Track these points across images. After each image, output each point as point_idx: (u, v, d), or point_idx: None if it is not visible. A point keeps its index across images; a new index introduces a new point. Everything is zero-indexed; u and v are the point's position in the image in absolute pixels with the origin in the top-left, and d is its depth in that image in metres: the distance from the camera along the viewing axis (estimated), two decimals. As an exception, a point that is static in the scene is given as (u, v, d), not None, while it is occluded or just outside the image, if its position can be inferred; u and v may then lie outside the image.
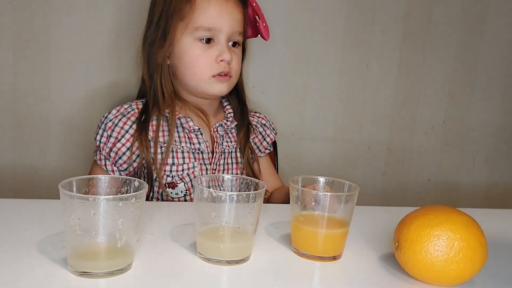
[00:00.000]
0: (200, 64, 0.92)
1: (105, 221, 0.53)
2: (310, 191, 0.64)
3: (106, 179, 0.60)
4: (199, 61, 0.92)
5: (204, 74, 0.92)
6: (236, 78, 0.98)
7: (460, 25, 1.45)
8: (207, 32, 0.91)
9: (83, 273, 0.54)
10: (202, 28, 0.91)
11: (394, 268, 0.62)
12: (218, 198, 0.59)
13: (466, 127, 1.53)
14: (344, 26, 1.38)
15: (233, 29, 0.93)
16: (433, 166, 1.53)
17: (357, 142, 1.46)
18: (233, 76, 0.96)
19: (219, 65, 0.92)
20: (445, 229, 0.56)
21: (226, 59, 0.92)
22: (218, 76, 0.93)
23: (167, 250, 0.64)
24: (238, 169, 1.01)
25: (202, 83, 0.93)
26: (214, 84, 0.93)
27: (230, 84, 0.96)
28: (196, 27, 0.91)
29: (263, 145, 1.09)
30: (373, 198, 1.49)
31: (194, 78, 0.93)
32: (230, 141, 1.01)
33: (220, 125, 0.99)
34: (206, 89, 0.94)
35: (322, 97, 1.41)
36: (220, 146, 0.99)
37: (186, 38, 0.92)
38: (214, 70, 0.92)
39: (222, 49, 0.92)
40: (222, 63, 0.92)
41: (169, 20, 0.92)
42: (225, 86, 0.95)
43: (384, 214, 0.85)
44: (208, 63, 0.92)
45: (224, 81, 0.94)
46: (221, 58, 0.92)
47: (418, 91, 1.47)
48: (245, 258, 0.62)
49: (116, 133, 0.93)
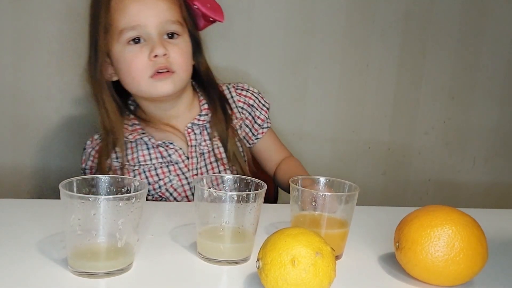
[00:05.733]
0: (134, 66, 0.84)
1: (105, 221, 0.53)
2: (310, 191, 0.64)
3: (107, 179, 0.60)
4: (132, 63, 0.84)
5: (142, 76, 0.85)
6: (183, 71, 0.88)
7: (460, 25, 1.45)
8: (133, 32, 0.84)
9: (83, 273, 0.54)
10: (126, 30, 0.84)
11: (394, 268, 0.62)
12: (218, 198, 0.59)
13: (466, 127, 1.53)
14: (344, 26, 1.38)
15: (161, 20, 0.85)
16: (433, 166, 1.53)
17: (357, 142, 1.46)
18: (177, 70, 0.86)
19: (153, 62, 0.84)
20: (446, 229, 0.56)
21: (159, 53, 0.83)
22: (156, 75, 0.84)
23: (167, 250, 0.64)
24: (223, 165, 0.94)
25: (143, 87, 0.86)
26: (155, 84, 0.85)
27: (175, 80, 0.86)
28: (120, 31, 0.84)
29: (255, 128, 1.00)
30: (373, 198, 1.49)
31: (133, 83, 0.86)
32: (208, 138, 0.94)
33: (193, 124, 0.93)
34: (149, 92, 0.86)
35: (322, 97, 1.41)
36: (196, 148, 0.93)
37: (116, 46, 0.86)
38: (150, 69, 0.84)
39: (152, 45, 0.84)
40: (157, 59, 0.84)
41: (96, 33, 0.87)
42: (169, 83, 0.85)
43: (384, 214, 0.85)
44: (142, 64, 0.84)
45: (164, 78, 0.85)
46: (154, 53, 0.83)
47: (418, 91, 1.47)
48: (245, 258, 0.62)
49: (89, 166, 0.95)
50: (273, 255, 0.50)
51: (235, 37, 1.33)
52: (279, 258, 0.50)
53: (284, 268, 0.49)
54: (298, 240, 0.51)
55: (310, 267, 0.49)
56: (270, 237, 0.53)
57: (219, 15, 0.92)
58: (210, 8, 0.91)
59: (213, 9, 0.91)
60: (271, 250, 0.51)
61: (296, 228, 0.54)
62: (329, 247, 0.52)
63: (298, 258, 0.49)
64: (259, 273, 0.52)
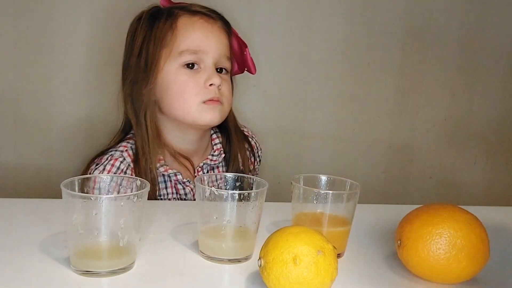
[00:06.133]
0: (188, 90, 0.85)
1: (107, 220, 0.53)
2: (311, 190, 0.64)
3: (108, 179, 0.60)
4: (187, 87, 0.85)
5: (194, 100, 0.85)
6: (228, 106, 0.90)
7: (461, 22, 1.45)
8: (192, 56, 0.85)
9: (85, 272, 0.54)
10: (188, 52, 0.85)
11: (396, 266, 0.62)
12: (219, 197, 0.59)
13: (468, 125, 1.53)
14: (345, 25, 1.38)
15: (220, 52, 0.88)
16: (435, 164, 1.53)
17: (358, 140, 1.46)
18: (225, 103, 0.88)
19: (208, 90, 0.85)
20: (447, 227, 0.56)
21: (215, 82, 0.85)
22: (208, 102, 0.85)
23: (169, 249, 0.64)
24: None
25: (192, 111, 0.85)
26: (205, 111, 0.85)
27: (222, 111, 0.88)
28: (180, 51, 0.85)
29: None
30: (375, 196, 1.49)
31: (183, 106, 0.85)
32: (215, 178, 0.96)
33: (204, 163, 0.92)
34: (196, 118, 0.86)
35: (323, 95, 1.41)
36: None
37: (170, 66, 0.86)
38: (204, 95, 0.85)
39: (210, 73, 0.86)
40: (211, 88, 0.85)
41: (151, 49, 0.85)
42: (217, 113, 0.87)
43: (386, 212, 0.85)
44: (197, 89, 0.85)
45: (215, 106, 0.86)
46: (210, 82, 0.85)
47: (419, 88, 1.47)
48: (247, 257, 0.62)
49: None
50: (275, 253, 0.51)
51: (235, 35, 1.33)
52: (281, 256, 0.50)
53: (286, 266, 0.49)
54: (299, 238, 0.51)
55: (312, 265, 0.49)
56: (271, 236, 0.53)
57: (254, 68, 0.98)
58: (251, 59, 0.97)
59: (252, 61, 0.97)
60: (273, 249, 0.51)
61: (298, 227, 0.54)
62: (331, 246, 0.52)
63: (300, 257, 0.49)
64: (261, 271, 0.52)
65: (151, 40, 0.86)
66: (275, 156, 1.40)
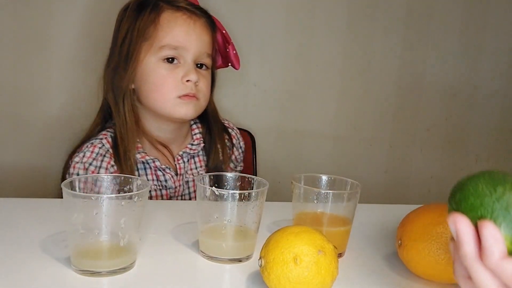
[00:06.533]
0: (165, 84, 0.87)
1: (107, 220, 0.53)
2: (312, 189, 0.64)
3: (109, 178, 0.60)
4: (164, 81, 0.87)
5: (170, 94, 0.87)
6: (205, 101, 0.93)
7: (462, 22, 1.45)
8: (172, 51, 0.87)
9: (86, 272, 0.54)
10: (168, 47, 0.87)
11: (397, 266, 0.62)
12: (220, 197, 0.59)
13: (469, 125, 1.53)
14: (345, 23, 1.38)
15: (201, 49, 0.90)
16: (435, 163, 1.53)
17: (359, 139, 1.46)
18: (201, 98, 0.91)
19: (185, 86, 0.88)
20: (448, 226, 0.55)
21: (192, 79, 0.87)
22: (184, 97, 0.88)
23: (170, 249, 0.64)
24: None
25: (168, 105, 0.88)
26: (180, 105, 0.88)
27: (197, 106, 0.91)
28: (161, 46, 0.87)
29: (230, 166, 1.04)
30: (375, 195, 1.49)
31: (159, 99, 0.88)
32: (195, 166, 0.97)
33: (184, 152, 0.95)
34: (171, 112, 0.89)
35: (324, 94, 1.41)
36: (183, 176, 0.95)
37: (150, 59, 0.88)
38: (180, 90, 0.87)
39: (188, 69, 0.88)
40: (188, 84, 0.88)
41: (133, 40, 0.88)
42: (191, 108, 0.89)
43: (387, 212, 0.85)
44: (174, 84, 0.87)
45: (190, 102, 0.89)
46: (187, 78, 0.87)
47: (420, 88, 1.47)
48: (247, 256, 0.62)
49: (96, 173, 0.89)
50: (276, 253, 0.51)
51: (236, 35, 1.33)
52: (282, 256, 0.50)
53: (287, 266, 0.49)
54: (300, 238, 0.51)
55: (313, 265, 0.49)
56: (272, 235, 0.53)
57: (237, 63, 1.00)
58: (235, 55, 0.99)
59: (236, 57, 0.99)
60: (274, 248, 0.51)
61: (298, 226, 0.54)
62: (331, 245, 0.52)
63: (300, 256, 0.49)
64: (262, 271, 0.52)
65: (134, 32, 0.88)
66: (275, 156, 1.40)
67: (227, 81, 1.35)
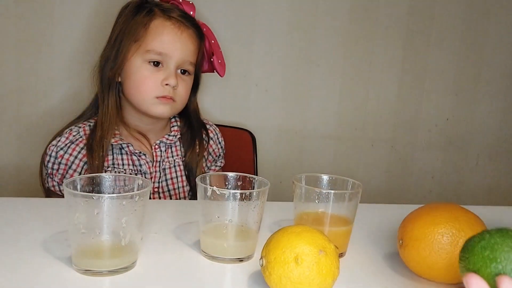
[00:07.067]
0: (146, 84, 0.95)
1: (109, 220, 0.53)
2: (313, 189, 0.64)
3: (110, 178, 0.60)
4: (145, 81, 0.95)
5: (149, 94, 0.95)
6: (181, 104, 1.00)
7: (464, 21, 1.45)
8: (157, 56, 0.95)
9: (87, 271, 0.54)
10: (153, 52, 0.94)
11: (398, 266, 0.62)
12: (221, 196, 0.59)
13: (470, 125, 1.53)
14: (347, 24, 1.38)
15: (184, 58, 0.97)
16: (437, 163, 1.53)
17: (360, 139, 1.46)
18: (177, 101, 0.98)
19: (163, 88, 0.95)
20: (449, 227, 0.55)
21: (171, 83, 0.95)
22: (161, 98, 0.95)
23: (171, 248, 0.64)
24: (182, 181, 1.03)
25: (146, 103, 0.96)
26: (157, 105, 0.96)
27: (173, 107, 0.98)
28: (147, 50, 0.94)
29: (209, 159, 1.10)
30: (377, 195, 1.49)
31: (138, 97, 0.96)
32: (172, 155, 1.03)
33: (161, 141, 1.02)
34: (148, 109, 0.96)
35: (325, 94, 1.41)
36: (160, 164, 1.01)
37: (136, 59, 0.95)
38: (158, 92, 0.95)
39: (169, 74, 0.95)
40: (167, 87, 0.95)
41: (124, 39, 0.95)
42: (167, 108, 0.97)
43: (388, 211, 0.85)
44: (153, 85, 0.95)
45: (167, 103, 0.96)
46: (166, 82, 0.95)
47: (422, 88, 1.47)
48: (248, 256, 0.62)
49: (65, 160, 0.96)
50: (277, 253, 0.51)
51: (238, 35, 1.33)
52: (283, 256, 0.50)
53: (288, 266, 0.49)
54: (301, 238, 0.51)
55: (314, 265, 0.49)
56: (273, 235, 0.53)
57: (222, 71, 1.07)
58: (220, 63, 1.06)
59: (221, 65, 1.06)
60: (275, 248, 0.51)
61: (300, 226, 0.54)
62: (332, 245, 0.52)
63: (301, 256, 0.49)
64: (263, 271, 0.52)
65: (127, 31, 0.95)
66: (277, 155, 1.41)
67: (229, 81, 1.35)
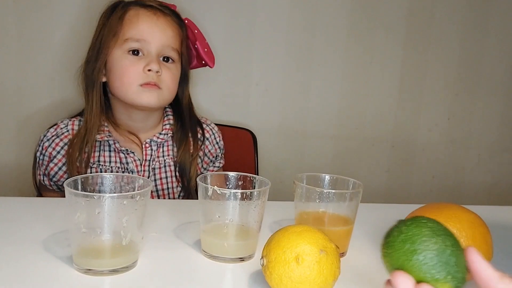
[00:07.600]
0: (128, 73, 0.93)
1: (110, 219, 0.54)
2: (314, 189, 0.64)
3: (111, 177, 0.60)
4: (127, 71, 0.93)
5: (132, 83, 0.93)
6: (169, 92, 0.98)
7: (464, 21, 1.44)
8: (135, 43, 0.94)
9: (88, 271, 0.54)
10: (131, 39, 0.93)
11: (398, 266, 0.62)
12: (222, 196, 0.59)
13: (471, 124, 1.52)
14: (347, 23, 1.37)
15: (163, 43, 0.95)
16: (437, 163, 1.53)
17: (360, 139, 1.46)
18: (164, 88, 0.96)
19: (146, 75, 0.93)
20: (450, 226, 0.55)
21: (153, 68, 0.93)
22: (145, 85, 0.93)
23: (172, 248, 0.64)
24: (172, 182, 1.01)
25: (130, 92, 0.94)
26: (142, 93, 0.93)
27: (159, 95, 0.96)
28: (125, 39, 0.94)
29: (205, 160, 1.07)
30: (377, 195, 1.49)
31: (122, 87, 0.94)
32: (163, 155, 1.02)
33: (151, 140, 1.00)
34: (134, 100, 0.94)
35: (325, 94, 1.41)
36: (149, 163, 0.99)
37: (116, 51, 0.95)
38: (141, 79, 0.93)
39: (150, 60, 0.94)
40: (150, 73, 0.93)
41: (103, 38, 0.95)
42: (154, 96, 0.94)
43: (389, 211, 0.85)
44: (136, 73, 0.93)
45: (152, 90, 0.94)
46: (148, 67, 0.93)
47: (422, 87, 1.47)
48: (249, 255, 0.62)
49: (48, 153, 0.96)
50: (278, 252, 0.50)
51: (238, 34, 1.33)
52: (284, 255, 0.50)
53: (289, 265, 0.49)
54: (302, 237, 0.51)
55: (315, 264, 0.49)
56: (274, 235, 0.53)
57: (211, 61, 1.05)
58: (206, 52, 1.04)
59: (208, 54, 1.04)
60: (275, 248, 0.51)
61: (300, 226, 0.54)
62: (333, 245, 0.52)
63: (302, 256, 0.49)
64: (264, 270, 0.52)
65: (105, 29, 0.96)
66: (277, 155, 1.41)
67: (229, 81, 1.35)
